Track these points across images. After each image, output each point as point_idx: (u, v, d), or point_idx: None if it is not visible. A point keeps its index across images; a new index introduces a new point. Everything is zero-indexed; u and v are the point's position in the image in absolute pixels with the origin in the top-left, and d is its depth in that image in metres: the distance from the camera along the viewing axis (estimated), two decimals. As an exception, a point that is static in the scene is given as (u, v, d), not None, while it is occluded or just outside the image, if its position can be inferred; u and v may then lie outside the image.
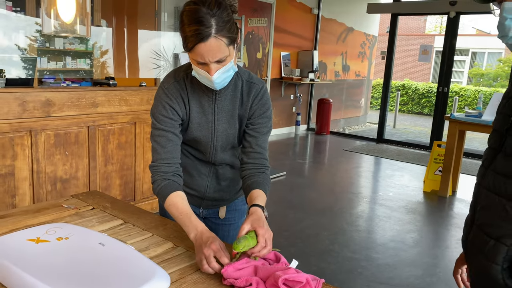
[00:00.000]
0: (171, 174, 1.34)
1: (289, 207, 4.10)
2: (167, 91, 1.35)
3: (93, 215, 1.51)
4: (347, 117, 10.47)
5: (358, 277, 2.85)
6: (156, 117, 1.35)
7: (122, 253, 1.16)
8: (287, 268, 1.08)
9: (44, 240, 1.21)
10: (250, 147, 1.42)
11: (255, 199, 1.30)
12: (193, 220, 1.23)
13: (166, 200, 1.30)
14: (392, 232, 3.70)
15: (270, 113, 1.42)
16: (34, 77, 2.98)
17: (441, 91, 7.09)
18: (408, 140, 8.75)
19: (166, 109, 1.34)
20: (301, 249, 3.22)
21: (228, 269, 1.08)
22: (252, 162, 1.42)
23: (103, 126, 3.17)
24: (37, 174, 2.82)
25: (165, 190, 1.31)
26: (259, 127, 1.40)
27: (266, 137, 1.44)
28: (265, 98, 1.40)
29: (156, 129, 1.36)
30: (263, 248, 1.14)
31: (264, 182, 1.39)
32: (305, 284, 1.04)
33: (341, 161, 6.47)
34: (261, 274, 1.07)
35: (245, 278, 1.05)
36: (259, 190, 1.34)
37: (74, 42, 4.40)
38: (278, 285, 1.01)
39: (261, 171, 1.41)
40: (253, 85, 1.39)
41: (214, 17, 1.14)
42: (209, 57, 1.18)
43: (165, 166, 1.34)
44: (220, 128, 1.40)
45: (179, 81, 1.36)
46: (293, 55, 8.28)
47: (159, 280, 1.05)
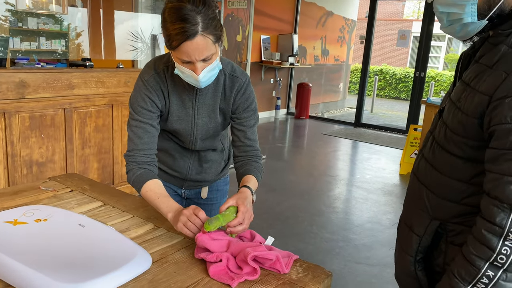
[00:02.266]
0: (146, 164, 1.33)
1: (268, 190, 4.14)
2: (146, 83, 1.32)
3: (71, 197, 1.50)
4: (326, 101, 10.55)
5: (336, 257, 2.92)
6: (134, 108, 1.33)
7: (102, 234, 1.16)
8: (258, 245, 1.10)
9: (22, 222, 1.19)
10: (239, 141, 1.42)
11: (245, 182, 1.32)
12: (170, 201, 1.24)
13: (143, 187, 1.29)
14: (369, 213, 3.78)
15: (255, 106, 1.41)
16: (7, 58, 2.88)
17: (418, 76, 7.20)
18: (385, 124, 8.89)
19: (145, 101, 1.32)
20: (280, 230, 3.27)
21: (202, 237, 1.09)
22: (244, 155, 1.43)
23: (80, 108, 3.11)
24: (12, 158, 2.76)
25: (141, 178, 1.30)
26: (245, 120, 1.40)
27: (254, 129, 1.43)
28: (249, 92, 1.39)
29: (134, 119, 1.34)
30: (239, 224, 1.16)
31: (257, 169, 1.40)
32: (275, 261, 1.06)
33: (320, 145, 6.54)
34: (233, 249, 1.09)
35: (216, 254, 1.06)
36: (250, 176, 1.36)
37: (48, 22, 4.26)
38: (247, 261, 1.03)
39: (254, 161, 1.43)
40: (236, 79, 1.37)
41: (200, 14, 1.11)
42: (196, 55, 1.15)
43: (141, 156, 1.33)
44: (200, 122, 1.39)
45: (159, 73, 1.33)
46: (273, 39, 8.24)
47: (141, 260, 1.06)
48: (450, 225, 0.96)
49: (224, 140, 1.56)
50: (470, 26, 0.96)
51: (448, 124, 0.95)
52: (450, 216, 0.95)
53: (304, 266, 1.14)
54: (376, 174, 5.00)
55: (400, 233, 1.08)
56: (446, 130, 0.96)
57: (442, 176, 0.95)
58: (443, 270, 0.98)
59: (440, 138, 0.97)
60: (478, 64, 0.96)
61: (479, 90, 0.90)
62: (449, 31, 1.01)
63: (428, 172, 0.98)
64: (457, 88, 0.99)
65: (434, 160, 0.98)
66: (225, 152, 1.59)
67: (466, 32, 0.98)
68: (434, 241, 1.00)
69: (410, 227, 1.02)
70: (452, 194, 0.94)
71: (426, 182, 0.99)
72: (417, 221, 1.01)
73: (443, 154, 0.95)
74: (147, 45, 5.21)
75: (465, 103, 0.92)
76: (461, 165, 0.93)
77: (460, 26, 0.97)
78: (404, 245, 1.04)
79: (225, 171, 1.63)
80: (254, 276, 1.03)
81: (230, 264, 1.05)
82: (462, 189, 0.94)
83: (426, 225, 0.98)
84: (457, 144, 0.93)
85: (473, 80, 0.94)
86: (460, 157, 0.93)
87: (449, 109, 0.97)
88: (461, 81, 0.99)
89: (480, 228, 0.88)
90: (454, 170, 0.94)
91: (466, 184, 0.93)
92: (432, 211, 0.97)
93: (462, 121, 0.91)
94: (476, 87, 0.91)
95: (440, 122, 1.00)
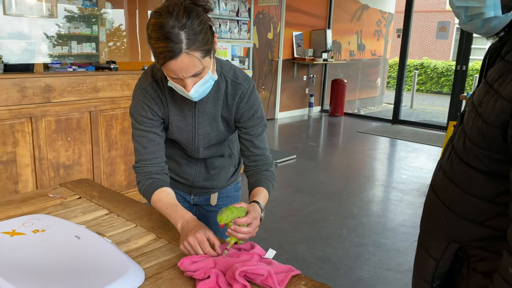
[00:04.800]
0: (155, 173, 1.28)
1: (296, 191, 4.03)
2: (145, 91, 1.26)
3: (78, 205, 1.47)
4: (363, 97, 10.25)
5: (365, 263, 2.78)
6: (135, 117, 1.28)
7: (97, 247, 1.11)
8: (247, 260, 1.02)
9: (20, 233, 1.17)
10: (248, 150, 1.34)
11: (255, 196, 1.26)
12: (179, 210, 1.19)
13: (152, 197, 1.25)
14: (403, 216, 3.60)
15: (261, 113, 1.32)
16: (36, 63, 2.93)
17: (460, 69, 6.83)
18: (425, 120, 8.52)
19: (145, 110, 1.26)
20: (307, 233, 3.15)
21: (184, 262, 1.05)
22: (254, 165, 1.36)
23: (106, 111, 3.13)
24: (39, 161, 2.81)
25: (150, 189, 1.26)
26: (251, 130, 1.32)
27: (262, 137, 1.34)
28: (253, 99, 1.29)
29: (136, 129, 1.29)
30: (248, 224, 1.11)
31: (268, 179, 1.33)
32: (267, 277, 0.97)
33: (354, 143, 6.34)
34: (221, 266, 1.02)
35: (203, 270, 1.00)
36: (260, 188, 1.29)
37: (79, 26, 4.35)
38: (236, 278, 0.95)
39: (265, 169, 1.35)
40: (239, 86, 1.27)
41: (184, 30, 1.01)
42: (183, 73, 1.07)
43: (148, 167, 1.28)
44: (202, 131, 1.32)
45: (158, 81, 1.26)
46: (306, 35, 8.08)
47: (132, 276, 1.00)
48: (471, 249, 0.82)
49: (233, 145, 1.48)
50: (494, 21, 0.81)
51: (467, 132, 0.81)
52: (471, 239, 0.81)
53: (310, 285, 1.04)
54: (412, 174, 4.77)
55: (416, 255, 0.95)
56: (465, 139, 0.81)
57: (462, 192, 0.81)
58: None
59: (459, 148, 0.83)
60: (503, 62, 0.80)
61: (502, 95, 0.75)
62: (469, 28, 0.86)
63: (446, 187, 0.84)
64: (480, 89, 0.84)
65: (452, 174, 0.83)
66: (234, 157, 1.51)
67: (489, 28, 0.83)
68: (455, 266, 0.87)
69: (426, 249, 0.88)
70: (473, 213, 0.80)
71: (443, 198, 0.85)
72: (434, 242, 0.87)
73: (463, 167, 0.81)
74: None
75: (486, 108, 0.77)
76: (483, 181, 0.78)
77: (482, 21, 0.82)
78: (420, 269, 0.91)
79: (235, 176, 1.55)
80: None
81: (220, 281, 0.98)
82: (485, 209, 0.79)
83: (443, 248, 0.85)
84: (478, 156, 0.78)
85: (497, 81, 0.78)
86: (482, 171, 0.78)
87: (469, 114, 0.83)
88: (485, 80, 0.83)
89: (507, 266, 0.73)
90: (476, 187, 0.79)
91: (490, 203, 0.78)
92: (450, 232, 0.84)
93: (482, 130, 0.77)
94: (499, 90, 0.76)
95: (460, 128, 0.86)
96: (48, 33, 4.21)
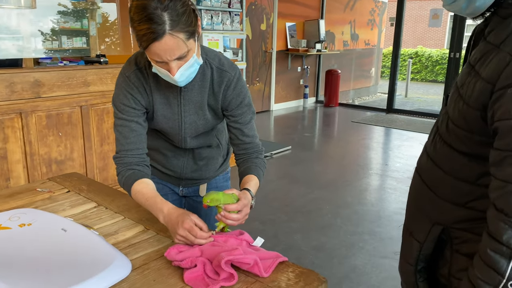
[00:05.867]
0: (135, 164, 1.26)
1: (292, 182, 4.03)
2: (128, 79, 1.24)
3: (66, 198, 1.46)
4: (357, 87, 10.24)
5: (359, 252, 2.79)
6: (117, 106, 1.26)
7: (83, 239, 1.10)
8: (234, 249, 1.01)
9: (6, 227, 1.16)
10: (238, 139, 1.33)
11: (246, 184, 1.25)
12: (158, 202, 1.16)
13: (131, 189, 1.22)
14: (397, 204, 3.61)
15: (248, 100, 1.31)
16: (25, 58, 2.91)
17: (453, 57, 6.83)
18: (419, 109, 8.52)
19: (128, 98, 1.24)
20: (302, 223, 3.16)
21: (171, 252, 1.04)
22: (244, 153, 1.35)
23: (96, 105, 3.11)
24: (31, 156, 2.79)
25: (129, 180, 1.23)
26: (240, 118, 1.31)
27: (251, 125, 1.33)
28: (240, 86, 1.28)
29: (118, 118, 1.26)
30: (238, 211, 1.11)
31: (258, 167, 1.32)
32: (253, 266, 0.98)
33: (349, 133, 6.34)
34: (207, 255, 1.02)
35: (190, 259, 1.00)
36: (251, 175, 1.28)
37: (68, 20, 4.29)
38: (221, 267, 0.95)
39: (255, 157, 1.34)
40: (225, 73, 1.26)
41: (167, 11, 1.00)
42: (167, 56, 1.06)
43: (128, 157, 1.26)
44: (188, 120, 1.30)
45: (141, 69, 1.24)
46: (299, 26, 8.04)
47: (118, 267, 1.00)
48: (454, 231, 0.82)
49: (221, 135, 1.47)
50: (478, 2, 0.79)
51: (450, 114, 0.80)
52: (454, 221, 0.81)
53: (297, 272, 1.04)
54: (407, 162, 4.78)
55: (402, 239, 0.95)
56: (448, 121, 0.81)
57: (445, 174, 0.81)
58: (448, 282, 0.84)
59: (442, 130, 0.82)
60: (485, 42, 0.79)
61: (482, 76, 0.74)
62: (454, 9, 0.84)
63: (430, 169, 0.84)
64: (463, 71, 0.83)
65: (435, 156, 0.83)
66: (222, 147, 1.50)
67: (474, 9, 0.81)
68: (438, 249, 0.87)
69: (411, 232, 0.89)
70: (456, 195, 0.80)
71: (427, 181, 0.85)
72: (417, 225, 0.87)
73: (446, 149, 0.81)
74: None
75: (467, 90, 0.76)
76: (465, 163, 0.78)
77: (466, 2, 0.80)
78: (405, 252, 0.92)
79: (224, 166, 1.54)
80: (231, 282, 0.95)
81: (207, 269, 0.98)
82: (467, 190, 0.79)
83: (427, 230, 0.85)
84: (461, 138, 0.78)
85: (478, 62, 0.77)
86: (465, 153, 0.78)
87: (452, 95, 0.82)
88: (467, 62, 0.83)
89: (486, 248, 0.73)
90: (458, 169, 0.79)
91: (472, 185, 0.78)
92: (434, 214, 0.84)
93: (464, 112, 0.76)
94: (480, 71, 0.75)
95: (444, 111, 0.85)
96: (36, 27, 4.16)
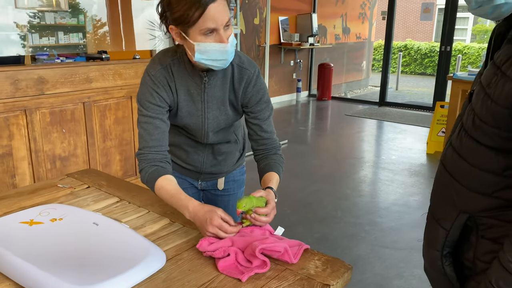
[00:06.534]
0: (158, 161, 1.29)
1: (291, 176, 4.09)
2: (153, 77, 1.29)
3: (88, 193, 1.49)
4: (349, 81, 10.33)
5: (362, 242, 2.86)
6: (142, 104, 1.30)
7: (116, 232, 1.14)
8: (264, 238, 1.07)
9: (38, 222, 1.19)
10: (256, 134, 1.38)
11: (269, 182, 1.30)
12: (183, 199, 1.20)
13: (155, 185, 1.26)
14: (395, 195, 3.69)
15: (267, 97, 1.37)
16: (26, 55, 2.90)
17: (444, 50, 6.93)
18: (411, 102, 8.64)
19: (153, 96, 1.28)
20: (304, 215, 3.22)
21: (202, 243, 1.08)
22: (262, 148, 1.40)
23: (99, 101, 3.12)
24: (36, 153, 2.81)
25: (153, 176, 1.26)
26: (259, 114, 1.36)
27: (269, 121, 1.39)
28: (259, 84, 1.34)
29: (143, 115, 1.30)
30: (267, 214, 1.16)
31: (277, 163, 1.37)
32: (283, 253, 1.03)
33: (343, 126, 6.42)
34: (238, 245, 1.07)
35: (223, 249, 1.04)
36: (272, 173, 1.33)
37: (65, 17, 4.28)
38: (255, 255, 1.00)
39: (273, 153, 1.39)
40: (245, 71, 1.32)
41: None
42: (221, 18, 1.12)
43: (152, 154, 1.29)
44: (211, 115, 1.35)
45: (166, 68, 1.29)
46: (292, 20, 8.08)
47: (154, 258, 1.04)
48: (480, 218, 0.88)
49: (238, 131, 1.52)
50: (504, 7, 0.83)
51: (476, 111, 0.85)
52: (480, 210, 0.87)
53: (323, 260, 1.09)
54: (402, 155, 4.88)
55: (427, 225, 1.01)
56: (474, 117, 0.86)
57: (470, 166, 0.86)
58: (473, 264, 0.90)
59: (468, 125, 0.88)
60: (510, 45, 0.84)
61: (511, 77, 0.79)
62: (479, 13, 0.89)
63: (456, 162, 0.90)
64: (487, 71, 0.88)
65: (461, 149, 0.88)
66: (239, 143, 1.55)
67: (499, 14, 0.85)
68: (464, 234, 0.93)
69: (437, 220, 0.94)
70: (482, 186, 0.85)
71: (453, 172, 0.90)
72: (444, 214, 0.93)
73: (471, 143, 0.86)
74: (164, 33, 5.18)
75: (495, 90, 0.81)
76: (492, 156, 0.83)
77: (492, 8, 0.84)
78: (431, 239, 0.97)
79: (241, 161, 1.60)
80: (264, 269, 1.00)
81: (239, 258, 1.03)
82: (494, 181, 0.84)
83: (453, 218, 0.90)
84: (487, 133, 0.83)
85: (505, 64, 0.82)
86: (491, 147, 0.83)
87: (478, 94, 0.87)
88: (492, 62, 0.87)
89: None
90: (484, 161, 0.84)
91: (498, 176, 0.83)
92: (460, 203, 0.89)
93: (492, 110, 0.81)
94: (508, 72, 0.80)
95: (469, 107, 0.90)
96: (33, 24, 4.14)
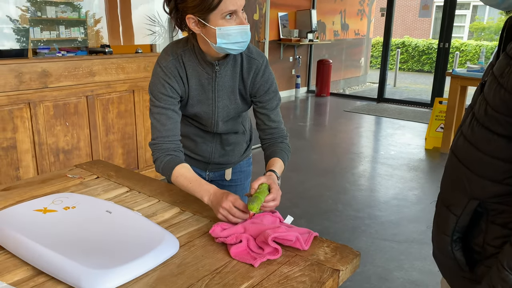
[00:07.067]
0: (172, 150, 1.33)
1: (292, 170, 4.12)
2: (165, 69, 1.31)
3: (98, 183, 1.51)
4: (347, 77, 10.36)
5: (362, 235, 2.90)
6: (155, 95, 1.33)
7: (129, 219, 1.17)
8: (277, 227, 1.10)
9: (52, 210, 1.21)
10: (264, 124, 1.41)
11: (271, 166, 1.32)
12: (204, 185, 1.24)
13: (173, 173, 1.29)
14: (394, 190, 3.73)
15: (275, 87, 1.40)
16: (28, 48, 2.91)
17: (442, 47, 6.97)
18: (409, 98, 8.69)
19: (165, 87, 1.31)
20: (305, 209, 3.26)
21: (215, 229, 1.11)
22: (270, 137, 1.42)
23: (102, 95, 3.14)
24: (39, 146, 2.82)
25: (169, 164, 1.30)
26: (267, 104, 1.38)
27: (277, 111, 1.42)
28: (267, 74, 1.37)
29: (155, 106, 1.33)
30: (273, 200, 1.18)
31: (283, 151, 1.39)
32: (295, 242, 1.06)
33: (342, 122, 6.45)
34: (250, 232, 1.09)
35: (235, 235, 1.07)
36: (276, 158, 1.35)
37: (66, 11, 4.27)
38: (267, 243, 1.03)
39: (280, 141, 1.42)
40: (253, 61, 1.34)
41: None
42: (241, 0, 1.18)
43: (166, 143, 1.33)
44: (221, 104, 1.38)
45: (177, 59, 1.32)
46: (291, 15, 8.09)
47: (168, 244, 1.06)
48: (491, 204, 0.90)
49: (245, 122, 1.55)
50: None
51: (489, 101, 0.87)
52: (491, 196, 0.89)
53: (332, 247, 1.12)
54: (401, 150, 4.92)
55: (437, 212, 1.04)
56: (487, 107, 0.88)
57: (483, 155, 0.89)
58: (482, 249, 0.93)
59: (480, 115, 0.90)
60: None
61: None
62: (490, 3, 0.90)
63: (467, 151, 0.92)
64: (500, 62, 0.90)
65: (473, 138, 0.91)
66: (247, 134, 1.58)
67: (510, 4, 0.86)
68: (474, 220, 0.96)
69: (447, 206, 0.97)
70: (493, 173, 0.87)
71: (464, 161, 0.93)
72: (454, 200, 0.95)
73: (484, 132, 0.88)
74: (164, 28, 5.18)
75: (508, 80, 0.82)
76: (504, 144, 0.84)
77: None
78: (441, 224, 1.00)
79: (248, 152, 1.62)
80: (275, 256, 1.03)
81: (250, 245, 1.05)
82: (505, 169, 0.85)
83: (464, 204, 0.93)
84: (500, 122, 0.84)
85: None
86: (503, 136, 0.84)
87: (490, 84, 0.89)
88: (505, 53, 0.89)
89: None
90: (496, 149, 0.85)
91: (509, 163, 0.84)
92: (471, 190, 0.92)
93: (506, 99, 0.82)
94: None
95: (481, 97, 0.92)
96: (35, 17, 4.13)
